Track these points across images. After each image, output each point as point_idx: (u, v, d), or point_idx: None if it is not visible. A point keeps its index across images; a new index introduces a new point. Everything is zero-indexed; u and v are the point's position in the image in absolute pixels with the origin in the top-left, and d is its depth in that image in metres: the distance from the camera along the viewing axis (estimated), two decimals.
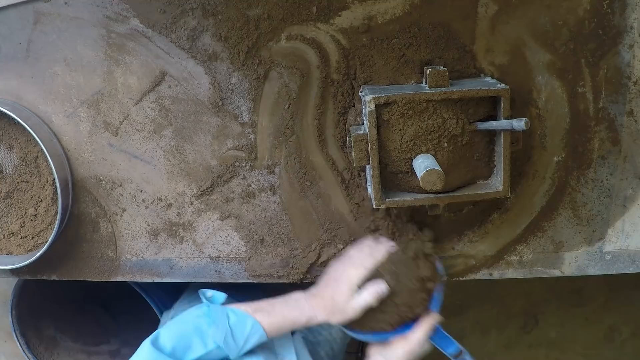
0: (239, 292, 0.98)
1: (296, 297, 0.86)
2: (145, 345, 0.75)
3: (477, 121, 0.80)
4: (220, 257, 0.98)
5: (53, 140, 0.92)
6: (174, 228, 0.97)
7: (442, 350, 0.90)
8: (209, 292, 0.87)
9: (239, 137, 0.92)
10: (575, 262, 0.97)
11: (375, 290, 0.83)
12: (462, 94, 0.77)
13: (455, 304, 1.91)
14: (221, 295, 0.87)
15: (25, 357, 1.23)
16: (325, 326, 1.12)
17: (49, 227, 0.95)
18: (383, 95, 0.77)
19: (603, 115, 0.89)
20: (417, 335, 0.85)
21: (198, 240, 0.98)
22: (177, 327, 0.79)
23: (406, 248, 0.88)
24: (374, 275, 0.85)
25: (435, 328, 0.88)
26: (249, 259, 0.98)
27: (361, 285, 0.84)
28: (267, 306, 0.83)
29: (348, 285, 0.83)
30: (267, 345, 0.89)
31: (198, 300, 0.89)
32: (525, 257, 0.97)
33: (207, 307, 0.82)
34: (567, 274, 0.97)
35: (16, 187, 0.95)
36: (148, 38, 0.88)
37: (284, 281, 0.99)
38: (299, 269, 0.97)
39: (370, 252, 0.87)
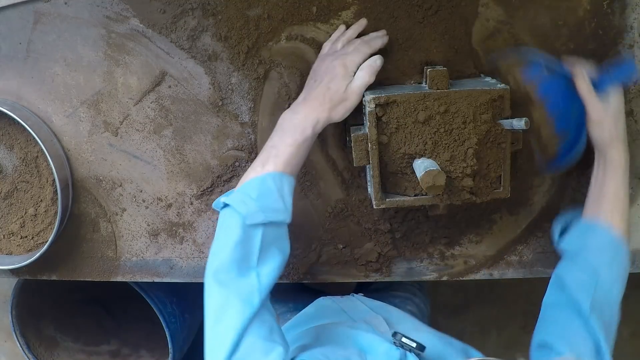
0: None
1: (289, 119, 0.76)
2: (209, 284, 0.67)
3: None
4: None
5: (53, 140, 0.92)
6: (174, 228, 0.97)
7: (627, 79, 0.82)
8: (222, 197, 0.74)
9: (239, 137, 0.92)
10: None
11: (370, 65, 0.76)
12: (462, 94, 0.77)
13: (455, 304, 1.91)
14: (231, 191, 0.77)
15: (25, 357, 1.23)
16: (398, 283, 1.05)
17: (49, 227, 0.95)
18: (383, 95, 0.77)
19: None
20: (588, 104, 0.79)
21: (198, 240, 0.98)
22: (221, 245, 0.69)
23: None
24: None
25: (596, 77, 0.80)
26: None
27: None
28: (272, 150, 0.73)
29: (343, 71, 0.75)
30: (341, 321, 0.84)
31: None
32: (525, 257, 0.97)
33: (225, 206, 0.72)
34: None
35: (16, 187, 0.95)
36: (148, 38, 0.88)
37: (284, 281, 0.99)
38: (299, 269, 0.97)
39: (362, 43, 0.79)
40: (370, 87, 0.80)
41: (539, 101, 0.82)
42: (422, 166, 0.75)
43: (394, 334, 0.71)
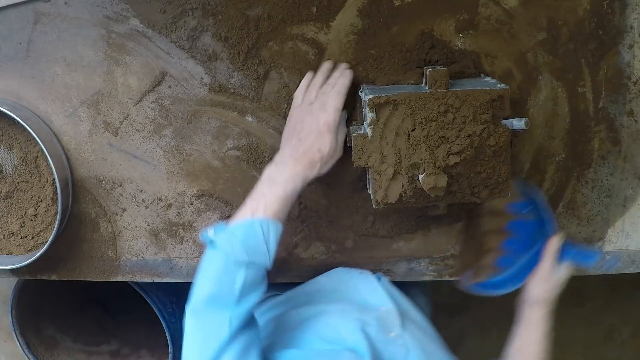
0: None
1: (277, 171, 0.78)
2: (187, 318, 0.70)
3: None
4: None
5: (53, 140, 0.92)
6: (174, 228, 0.97)
7: (583, 264, 0.89)
8: (209, 231, 0.76)
9: (239, 137, 0.92)
10: None
11: (344, 117, 0.82)
12: (462, 94, 0.77)
13: (455, 304, 1.91)
14: (220, 225, 0.78)
15: (25, 357, 1.23)
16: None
17: (49, 227, 0.95)
18: (383, 95, 0.77)
19: (603, 115, 0.89)
20: (543, 264, 0.86)
21: (198, 240, 0.98)
22: (203, 279, 0.72)
23: None
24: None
25: (562, 247, 0.88)
26: None
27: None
28: (260, 199, 0.75)
29: (330, 133, 0.78)
30: (357, 303, 0.84)
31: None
32: None
33: (210, 246, 0.74)
34: None
35: (16, 187, 0.95)
36: (148, 38, 0.88)
37: (282, 280, 0.99)
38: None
39: (332, 89, 0.81)
40: (370, 87, 0.80)
41: (504, 231, 0.89)
42: None
43: None
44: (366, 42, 0.86)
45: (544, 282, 0.87)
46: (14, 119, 0.88)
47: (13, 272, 1.00)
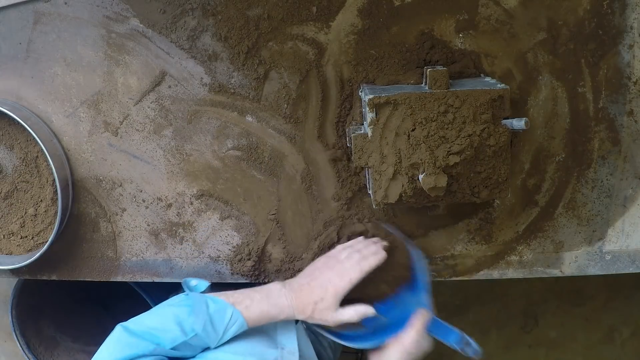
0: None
1: (277, 292, 0.83)
2: (117, 328, 0.75)
3: None
4: (220, 257, 0.98)
5: (53, 140, 0.92)
6: (174, 228, 0.97)
7: (443, 341, 0.87)
8: (193, 281, 0.85)
9: (239, 137, 0.92)
10: (575, 262, 0.97)
11: (362, 312, 0.83)
12: (462, 94, 0.77)
13: (455, 304, 1.91)
14: (204, 284, 0.85)
15: (25, 357, 1.22)
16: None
17: (49, 227, 0.95)
18: (383, 95, 0.77)
19: (603, 115, 0.89)
20: (410, 334, 0.83)
21: (198, 240, 0.98)
22: (155, 314, 0.77)
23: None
24: None
25: (431, 320, 0.86)
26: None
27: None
28: (247, 299, 0.81)
29: (334, 298, 0.81)
30: (268, 333, 0.88)
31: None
32: (525, 257, 0.97)
33: (186, 295, 0.81)
34: (567, 274, 0.97)
35: (16, 187, 0.95)
36: (148, 38, 0.88)
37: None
38: (299, 270, 0.97)
39: (359, 261, 0.83)
40: (370, 87, 0.80)
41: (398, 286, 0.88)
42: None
43: None
44: (366, 42, 0.86)
45: (406, 353, 0.83)
46: (14, 119, 0.88)
47: (13, 272, 1.00)
